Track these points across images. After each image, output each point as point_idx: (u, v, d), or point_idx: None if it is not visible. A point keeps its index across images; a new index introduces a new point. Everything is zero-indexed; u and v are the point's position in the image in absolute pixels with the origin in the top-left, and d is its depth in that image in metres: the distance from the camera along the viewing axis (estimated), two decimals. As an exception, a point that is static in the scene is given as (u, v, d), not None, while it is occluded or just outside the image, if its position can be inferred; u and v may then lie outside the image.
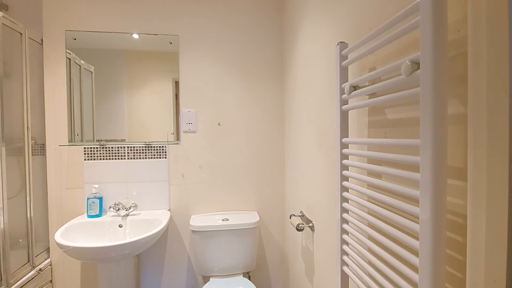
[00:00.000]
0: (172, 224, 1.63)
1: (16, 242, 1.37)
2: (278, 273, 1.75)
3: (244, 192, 1.68)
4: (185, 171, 1.63)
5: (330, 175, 0.99)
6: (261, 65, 1.67)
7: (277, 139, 1.71)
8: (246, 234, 1.50)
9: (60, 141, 1.53)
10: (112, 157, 1.56)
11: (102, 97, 1.56)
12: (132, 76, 1.57)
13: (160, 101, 1.60)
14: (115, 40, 1.56)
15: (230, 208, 1.67)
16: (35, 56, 1.47)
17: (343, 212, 0.76)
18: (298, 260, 1.44)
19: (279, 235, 1.73)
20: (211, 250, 1.48)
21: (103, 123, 1.56)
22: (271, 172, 1.71)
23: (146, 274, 1.62)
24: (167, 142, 1.60)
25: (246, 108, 1.67)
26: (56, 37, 1.51)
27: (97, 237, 1.41)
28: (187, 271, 1.65)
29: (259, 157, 1.69)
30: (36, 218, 1.48)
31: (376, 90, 0.60)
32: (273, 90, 1.69)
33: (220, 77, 1.64)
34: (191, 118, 1.61)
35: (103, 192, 1.55)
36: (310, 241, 1.21)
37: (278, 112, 1.70)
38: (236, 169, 1.67)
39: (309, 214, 1.23)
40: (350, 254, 0.73)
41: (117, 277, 1.37)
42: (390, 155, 0.55)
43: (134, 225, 1.48)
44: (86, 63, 1.57)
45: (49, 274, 1.53)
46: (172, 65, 1.60)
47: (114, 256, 1.26)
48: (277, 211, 1.72)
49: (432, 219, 0.42)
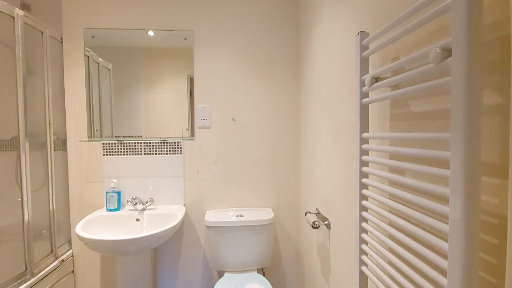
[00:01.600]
0: (187, 219, 1.64)
1: (39, 233, 1.43)
2: (293, 271, 1.73)
3: (259, 188, 1.67)
4: (200, 167, 1.63)
5: (348, 172, 0.96)
6: (276, 60, 1.64)
7: (292, 134, 1.68)
8: (261, 231, 1.49)
9: (80, 137, 1.57)
10: (130, 153, 1.59)
11: (120, 94, 1.59)
12: (149, 73, 1.59)
13: (176, 97, 1.61)
14: (132, 38, 1.58)
15: (245, 204, 1.67)
16: (56, 54, 1.51)
17: (362, 211, 0.73)
18: (313, 258, 1.41)
19: (294, 232, 1.71)
20: (225, 246, 1.48)
21: (121, 119, 1.59)
22: (286, 168, 1.68)
23: (163, 267, 1.65)
24: (182, 138, 1.61)
25: (260, 103, 1.65)
26: (75, 35, 1.54)
27: (115, 231, 1.45)
28: (203, 266, 1.67)
29: (274, 153, 1.67)
30: (58, 211, 1.53)
31: (400, 81, 0.57)
32: (289, 85, 1.66)
33: (235, 72, 1.63)
34: (205, 114, 1.61)
35: (121, 186, 1.58)
36: (326, 239, 1.19)
37: (293, 107, 1.67)
38: (250, 165, 1.66)
39: (325, 212, 1.20)
40: (369, 253, 0.70)
41: (134, 269, 1.40)
42: (416, 150, 0.52)
43: (151, 219, 1.50)
44: (104, 61, 1.60)
45: (71, 264, 1.59)
46: (187, 61, 1.60)
47: (132, 249, 1.29)
48: (292, 208, 1.70)
49: (464, 219, 0.39)
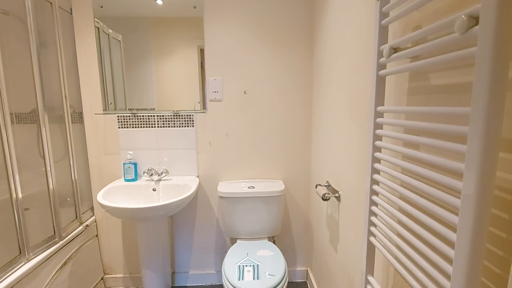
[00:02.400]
0: (201, 190, 1.71)
1: (64, 201, 1.53)
2: (302, 239, 1.80)
3: (270, 160, 1.70)
4: (212, 140, 1.66)
5: (361, 146, 0.95)
6: (289, 29, 1.57)
7: (304, 107, 1.65)
8: (272, 201, 1.54)
9: (95, 110, 1.61)
10: (144, 125, 1.62)
11: (131, 66, 1.58)
12: (159, 44, 1.56)
13: (186, 69, 1.59)
14: (140, 7, 1.53)
15: (256, 176, 1.71)
16: (66, 26, 1.50)
17: (373, 184, 0.73)
18: (322, 228, 1.46)
19: (304, 203, 1.76)
20: (237, 215, 1.55)
21: (133, 92, 1.60)
22: (297, 141, 1.68)
23: (179, 233, 1.75)
24: (194, 110, 1.62)
25: (272, 75, 1.61)
26: (84, 5, 1.51)
27: (134, 199, 1.53)
28: (216, 233, 1.76)
29: (285, 125, 1.66)
30: (80, 180, 1.62)
31: (421, 52, 0.54)
32: (302, 55, 1.60)
33: (246, 43, 1.58)
34: (217, 87, 1.60)
35: (137, 158, 1.64)
36: (335, 211, 1.22)
37: (306, 79, 1.63)
38: (262, 138, 1.67)
39: (335, 184, 1.22)
40: (378, 225, 0.72)
41: (153, 234, 1.49)
42: (432, 125, 0.50)
43: (166, 189, 1.57)
44: (114, 32, 1.57)
45: (95, 229, 1.71)
46: (197, 32, 1.56)
47: (150, 216, 1.38)
48: (302, 180, 1.73)
49: (477, 195, 0.39)
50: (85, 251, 1.59)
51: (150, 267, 1.51)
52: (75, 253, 1.49)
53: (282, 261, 1.32)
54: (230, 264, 1.29)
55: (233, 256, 1.38)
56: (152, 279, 1.52)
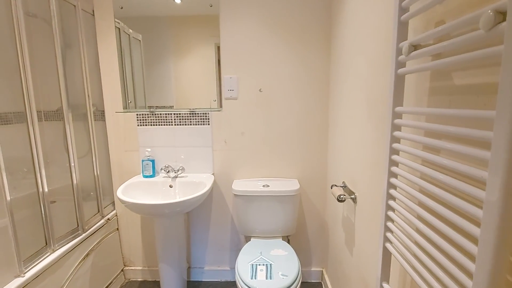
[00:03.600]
0: (216, 187, 1.73)
1: (88, 195, 1.60)
2: (318, 239, 1.78)
3: (285, 159, 1.68)
4: (227, 138, 1.66)
5: (379, 147, 0.92)
6: (306, 26, 1.54)
7: (321, 105, 1.62)
8: (286, 201, 1.53)
9: (116, 108, 1.66)
10: (161, 123, 1.66)
11: (151, 65, 1.62)
12: (177, 42, 1.59)
13: (204, 67, 1.60)
14: (159, 7, 1.56)
15: (271, 175, 1.70)
16: (89, 27, 1.56)
17: (390, 188, 0.70)
18: (338, 229, 1.43)
19: (320, 204, 1.73)
20: (252, 213, 1.55)
21: (153, 90, 1.64)
22: (313, 140, 1.65)
23: (195, 229, 1.79)
24: (210, 109, 1.63)
25: (288, 73, 1.59)
26: (105, 7, 1.56)
27: (152, 195, 1.57)
28: (231, 230, 1.78)
29: (301, 124, 1.64)
30: (102, 176, 1.69)
31: (443, 50, 0.50)
32: (319, 52, 1.56)
33: (262, 40, 1.56)
34: (232, 85, 1.60)
35: (155, 155, 1.68)
36: (351, 213, 1.18)
37: (323, 77, 1.59)
38: (277, 136, 1.65)
39: (352, 186, 1.19)
40: (394, 231, 0.69)
41: (170, 230, 1.53)
42: (454, 129, 0.47)
43: (182, 186, 1.60)
44: (134, 32, 1.62)
45: (116, 223, 1.78)
46: (215, 29, 1.56)
47: (167, 212, 1.41)
48: (318, 180, 1.70)
49: (501, 203, 0.36)
50: (106, 243, 1.67)
51: (166, 261, 1.55)
52: (97, 245, 1.56)
53: (295, 261, 1.31)
54: (243, 262, 1.30)
55: (247, 254, 1.38)
56: (169, 273, 1.57)
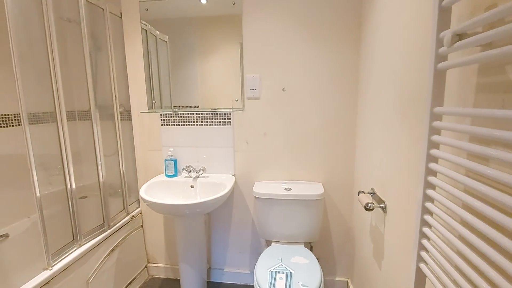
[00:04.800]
0: (237, 188, 1.69)
1: (115, 192, 1.65)
2: (343, 248, 1.67)
3: (309, 162, 1.60)
4: (249, 138, 1.62)
5: (413, 153, 0.81)
6: (333, 22, 1.44)
7: (348, 105, 1.51)
8: (309, 205, 1.45)
9: (141, 108, 1.70)
10: (184, 123, 1.66)
11: (177, 66, 1.63)
12: (203, 43, 1.58)
13: (228, 67, 1.58)
14: (184, 7, 1.56)
15: (294, 178, 1.63)
16: (117, 29, 1.60)
17: (426, 201, 0.61)
18: (365, 239, 1.32)
19: (346, 210, 1.62)
20: (273, 217, 1.49)
21: (179, 90, 1.65)
22: (339, 142, 1.55)
23: (216, 230, 1.77)
24: (232, 109, 1.60)
25: (313, 71, 1.50)
26: (132, 9, 1.60)
27: (173, 195, 1.58)
28: (251, 233, 1.74)
29: (327, 125, 1.55)
30: (128, 174, 1.74)
31: (496, 38, 0.41)
32: (347, 49, 1.46)
33: (286, 38, 1.49)
34: (255, 84, 1.55)
35: (177, 155, 1.69)
36: (380, 223, 1.08)
37: (351, 75, 1.48)
38: (301, 138, 1.58)
39: (381, 193, 1.08)
40: (430, 251, 0.60)
41: (190, 230, 1.53)
42: (509, 134, 0.38)
43: (203, 187, 1.59)
44: (161, 34, 1.63)
45: (140, 220, 1.83)
46: (239, 29, 1.53)
47: (188, 213, 1.41)
48: (344, 185, 1.59)
49: None
50: (131, 240, 1.71)
51: (187, 260, 1.55)
52: (121, 241, 1.61)
53: (318, 271, 1.23)
54: (262, 269, 1.25)
55: (266, 260, 1.33)
56: (189, 272, 1.57)
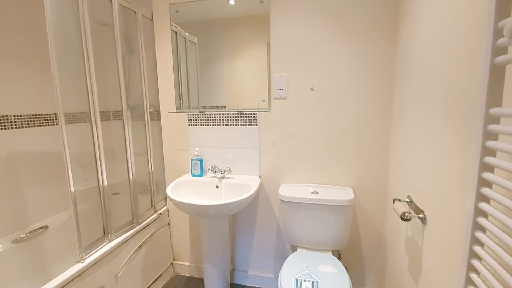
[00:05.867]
0: (262, 190, 1.66)
1: (144, 190, 1.70)
2: (373, 258, 1.57)
3: (338, 165, 1.52)
4: (276, 139, 1.58)
5: (460, 159, 0.72)
6: (365, 14, 1.36)
7: (382, 105, 1.41)
8: (338, 211, 1.37)
9: (170, 108, 1.73)
10: (211, 123, 1.67)
11: (205, 66, 1.64)
12: (231, 43, 1.58)
13: (256, 67, 1.56)
14: (213, 9, 1.56)
15: (321, 181, 1.56)
16: (148, 32, 1.65)
17: (479, 216, 0.53)
18: (400, 251, 1.22)
19: (378, 217, 1.52)
20: (299, 222, 1.44)
21: (207, 90, 1.66)
22: (372, 144, 1.46)
23: (240, 231, 1.76)
24: (258, 109, 1.57)
25: (344, 70, 1.42)
26: (162, 11, 1.63)
27: (199, 195, 1.59)
28: (276, 236, 1.69)
29: (358, 126, 1.46)
30: (156, 172, 1.78)
31: None
32: (381, 45, 1.36)
33: (315, 36, 1.43)
34: (282, 84, 1.51)
35: (203, 155, 1.70)
36: (418, 235, 0.99)
37: (385, 73, 1.38)
38: (330, 140, 1.51)
39: (420, 202, 0.99)
40: (482, 273, 0.52)
41: (215, 230, 1.53)
42: None
43: (228, 187, 1.58)
44: (190, 35, 1.65)
45: (167, 218, 1.86)
46: (267, 29, 1.50)
47: (213, 214, 1.41)
48: (376, 191, 1.49)
49: None
50: (158, 237, 1.75)
51: (211, 261, 1.55)
52: (149, 238, 1.65)
53: (346, 282, 1.15)
54: (287, 276, 1.20)
55: (291, 266, 1.28)
56: (213, 273, 1.56)
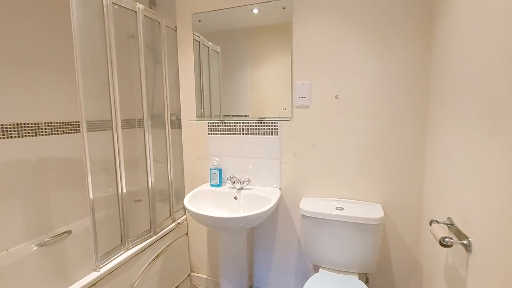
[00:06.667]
0: (282, 203, 1.58)
1: (164, 198, 1.69)
2: (406, 286, 1.40)
3: (366, 179, 1.40)
4: (297, 150, 1.50)
5: (514, 176, 0.60)
6: (395, 18, 1.25)
7: (415, 114, 1.28)
8: (366, 230, 1.25)
9: (191, 117, 1.73)
10: (230, 132, 1.63)
11: (228, 75, 1.63)
12: (254, 52, 1.56)
13: (279, 75, 1.51)
14: (236, 18, 1.55)
15: (347, 196, 1.44)
16: (171, 42, 1.68)
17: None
18: (437, 280, 1.07)
19: (411, 239, 1.36)
20: (321, 240, 1.33)
21: (230, 99, 1.64)
22: (404, 157, 1.32)
23: (259, 246, 1.67)
24: (279, 118, 1.51)
25: (372, 76, 1.32)
26: (186, 22, 1.65)
27: (216, 206, 1.54)
28: (297, 253, 1.59)
29: (388, 137, 1.33)
30: (176, 181, 1.77)
31: None
32: (414, 49, 1.25)
33: (339, 41, 1.35)
34: (304, 92, 1.44)
35: (222, 164, 1.66)
36: (461, 264, 0.84)
37: (420, 79, 1.26)
38: (356, 151, 1.39)
39: (462, 226, 0.85)
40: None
41: (232, 243, 1.47)
42: None
43: (247, 199, 1.52)
44: (214, 44, 1.66)
45: (185, 228, 1.84)
46: (289, 36, 1.46)
47: (230, 227, 1.35)
48: (410, 209, 1.34)
49: None
50: (176, 247, 1.72)
51: (227, 276, 1.49)
52: (166, 248, 1.62)
53: (374, 312, 1.02)
54: (307, 299, 1.10)
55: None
56: (229, 289, 1.49)
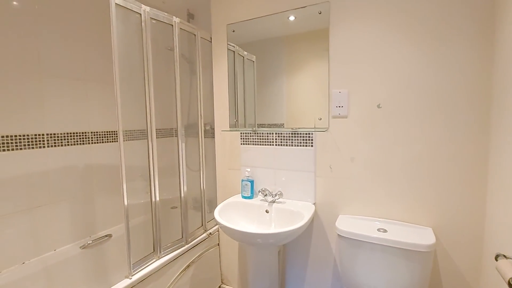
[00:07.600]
0: (317, 219, 1.48)
1: (197, 207, 1.70)
2: (465, 325, 1.20)
3: (413, 198, 1.24)
4: (333, 163, 1.40)
5: None
6: (448, 19, 1.11)
7: (474, 124, 1.11)
8: (413, 258, 1.09)
9: (224, 126, 1.72)
10: (263, 143, 1.58)
11: (264, 84, 1.60)
12: (290, 60, 1.51)
13: (314, 83, 1.43)
14: (271, 27, 1.52)
15: (390, 216, 1.29)
16: (206, 53, 1.70)
17: None
18: (507, 325, 0.88)
19: (469, 273, 1.16)
20: (360, 264, 1.20)
21: (265, 109, 1.60)
22: (459, 174, 1.15)
23: (291, 264, 1.58)
24: (314, 128, 1.43)
25: (420, 83, 1.18)
26: (220, 32, 1.67)
27: (247, 218, 1.49)
28: (333, 276, 1.46)
29: (439, 151, 1.17)
30: (208, 191, 1.77)
31: None
32: (471, 53, 1.08)
33: (381, 45, 1.24)
34: (341, 101, 1.34)
35: (254, 175, 1.62)
36: (542, 314, 0.68)
37: (479, 86, 1.08)
38: (402, 166, 1.25)
39: (543, 266, 0.68)
40: None
41: (263, 259, 1.40)
42: None
43: (278, 213, 1.45)
44: (249, 54, 1.64)
45: (217, 238, 1.82)
46: (326, 42, 1.38)
47: (260, 243, 1.29)
48: (468, 237, 1.15)
49: None
50: (207, 257, 1.71)
51: (257, 293, 1.42)
52: (197, 258, 1.62)
53: None
54: (342, 332, 0.99)
55: (349, 319, 1.06)
56: (259, 307, 1.42)
